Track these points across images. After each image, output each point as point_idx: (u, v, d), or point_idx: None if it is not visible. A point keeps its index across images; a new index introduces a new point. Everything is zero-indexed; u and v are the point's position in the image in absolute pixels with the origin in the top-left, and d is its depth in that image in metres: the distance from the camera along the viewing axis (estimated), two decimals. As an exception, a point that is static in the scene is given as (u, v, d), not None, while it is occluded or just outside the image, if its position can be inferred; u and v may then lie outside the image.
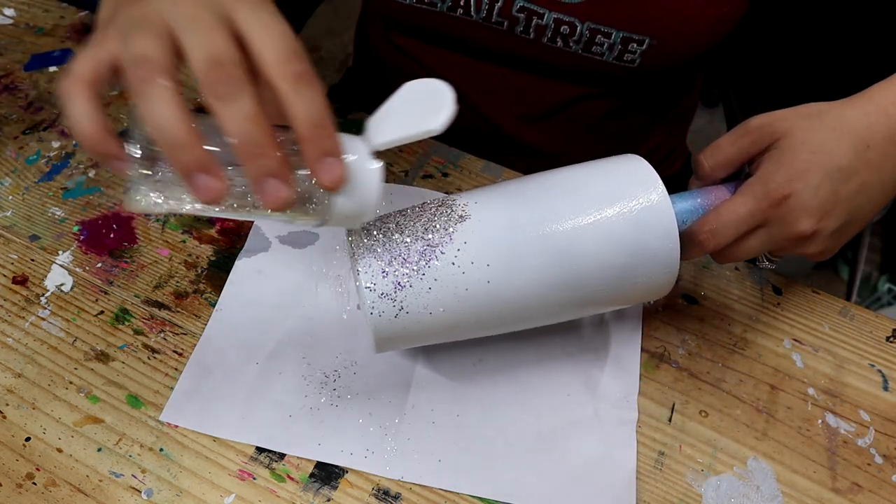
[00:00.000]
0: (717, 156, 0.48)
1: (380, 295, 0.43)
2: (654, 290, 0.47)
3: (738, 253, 0.47)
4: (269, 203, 0.36)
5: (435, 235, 0.43)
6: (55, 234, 0.57)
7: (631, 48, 0.58)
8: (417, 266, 0.43)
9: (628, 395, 0.51)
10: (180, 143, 0.34)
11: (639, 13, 0.56)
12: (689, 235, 0.46)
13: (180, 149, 0.34)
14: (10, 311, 0.53)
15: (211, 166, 0.35)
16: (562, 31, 0.58)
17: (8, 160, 0.61)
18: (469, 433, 0.49)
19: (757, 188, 0.45)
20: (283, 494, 0.47)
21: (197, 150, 0.34)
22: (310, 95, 0.35)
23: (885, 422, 0.51)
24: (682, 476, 0.48)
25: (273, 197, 0.36)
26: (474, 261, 0.43)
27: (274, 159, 0.35)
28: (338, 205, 0.39)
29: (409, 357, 0.52)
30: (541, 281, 0.44)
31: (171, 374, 0.51)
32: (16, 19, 0.70)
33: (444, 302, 0.43)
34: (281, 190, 0.36)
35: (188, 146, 0.34)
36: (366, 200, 0.39)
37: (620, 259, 0.44)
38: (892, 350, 0.54)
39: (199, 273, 0.56)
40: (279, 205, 0.36)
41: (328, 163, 0.37)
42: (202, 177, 0.35)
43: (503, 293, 0.44)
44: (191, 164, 0.34)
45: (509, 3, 0.58)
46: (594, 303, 0.46)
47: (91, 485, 0.46)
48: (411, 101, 0.40)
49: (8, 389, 0.50)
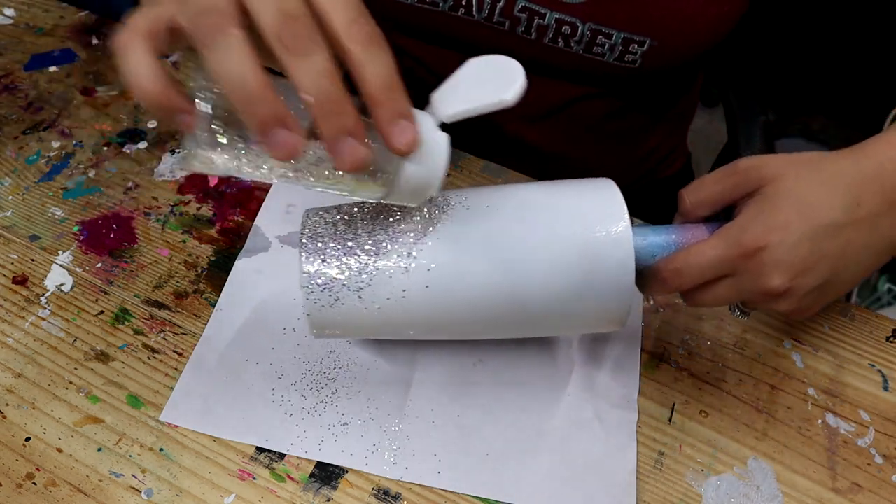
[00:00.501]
0: (699, 193, 0.45)
1: (318, 283, 0.42)
2: (607, 321, 0.45)
3: (705, 298, 0.44)
4: (345, 163, 0.34)
5: (383, 233, 0.43)
6: (55, 234, 0.57)
7: (632, 49, 0.58)
8: (359, 261, 0.43)
9: (628, 395, 0.51)
10: (257, 95, 0.32)
11: (639, 14, 0.56)
12: (653, 271, 0.44)
13: (257, 101, 0.32)
14: (10, 311, 0.53)
15: (289, 119, 0.33)
16: (563, 31, 0.58)
17: (8, 160, 0.61)
18: (469, 433, 0.49)
19: (732, 235, 0.42)
20: (283, 494, 0.47)
21: (275, 102, 0.32)
22: (381, 57, 0.34)
23: (885, 422, 0.51)
24: (682, 476, 0.48)
25: (350, 157, 0.34)
26: (417, 264, 0.42)
27: (352, 116, 0.33)
28: (407, 172, 0.37)
29: (408, 357, 0.52)
30: (482, 295, 0.43)
31: (171, 374, 0.51)
32: (16, 19, 0.70)
33: (381, 300, 0.43)
34: (358, 149, 0.34)
35: (265, 99, 0.32)
36: (434, 170, 0.38)
37: (570, 286, 0.42)
38: (892, 350, 0.54)
39: (199, 273, 0.56)
40: (356, 165, 0.34)
41: (401, 125, 0.35)
42: (280, 132, 0.33)
43: (442, 301, 0.43)
44: (268, 117, 0.32)
45: (511, 3, 0.58)
46: (541, 326, 0.45)
47: (91, 485, 0.46)
48: (479, 75, 0.39)
49: (8, 389, 0.50)
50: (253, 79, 0.32)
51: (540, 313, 0.43)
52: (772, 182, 0.42)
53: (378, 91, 0.34)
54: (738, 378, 0.52)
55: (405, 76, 0.40)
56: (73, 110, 0.64)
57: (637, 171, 0.79)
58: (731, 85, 0.80)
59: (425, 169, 0.38)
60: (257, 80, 0.32)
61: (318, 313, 0.43)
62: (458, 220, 0.43)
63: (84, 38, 0.69)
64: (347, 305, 0.43)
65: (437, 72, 0.68)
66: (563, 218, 0.43)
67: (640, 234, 0.44)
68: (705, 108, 1.64)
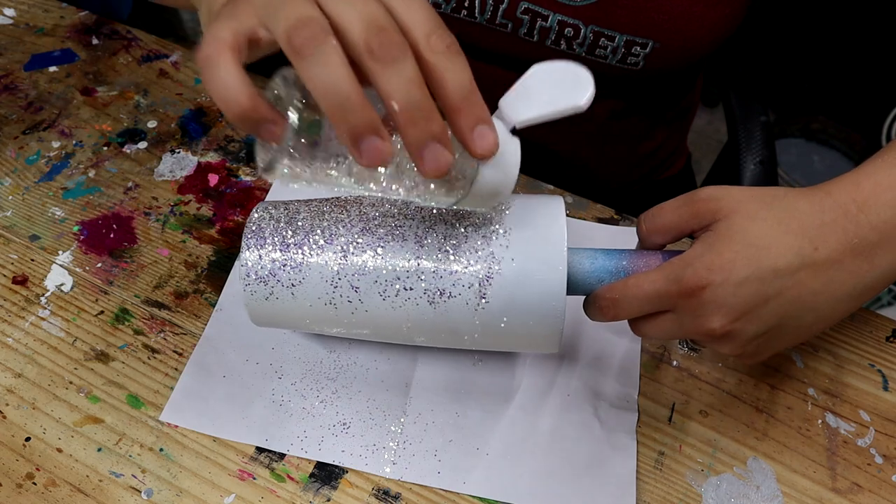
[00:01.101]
0: (656, 220, 0.44)
1: (254, 275, 0.44)
2: (537, 343, 0.45)
3: (647, 330, 0.43)
4: (430, 170, 0.35)
5: (321, 236, 0.44)
6: (55, 234, 0.57)
7: (634, 51, 0.58)
8: (293, 261, 0.43)
9: (628, 395, 0.51)
10: (352, 104, 0.33)
11: (642, 16, 0.56)
12: (592, 298, 0.44)
13: (352, 110, 0.33)
14: (10, 311, 0.53)
15: (380, 128, 0.33)
16: (566, 33, 0.58)
17: (8, 160, 0.61)
18: (469, 433, 0.49)
19: (674, 270, 0.41)
20: (283, 494, 0.47)
21: (369, 111, 0.33)
22: (459, 64, 0.35)
23: (885, 422, 0.51)
24: (682, 476, 0.48)
25: (435, 163, 0.35)
26: (343, 276, 0.43)
27: (439, 122, 0.34)
28: (484, 177, 0.38)
29: (408, 357, 0.52)
30: (406, 314, 0.43)
31: (171, 374, 0.51)
32: (16, 19, 0.70)
33: (312, 301, 0.44)
34: (444, 154, 0.35)
35: (361, 107, 0.33)
36: (508, 174, 0.39)
37: (498, 305, 0.42)
38: (892, 350, 0.54)
39: (199, 273, 0.56)
40: (441, 171, 0.35)
41: (481, 131, 0.36)
42: (373, 139, 0.33)
43: (367, 315, 0.44)
44: (361, 126, 0.33)
45: (514, 5, 0.58)
46: (468, 342, 0.45)
47: (91, 485, 0.46)
48: (546, 81, 0.40)
49: (8, 389, 0.50)
50: (350, 87, 0.32)
51: (465, 330, 0.44)
52: (725, 218, 0.41)
53: (459, 98, 0.35)
54: (738, 378, 0.52)
55: None
56: (73, 110, 0.64)
57: (638, 172, 0.79)
58: (731, 85, 0.80)
59: (501, 173, 0.38)
60: (354, 88, 0.32)
61: (255, 305, 0.45)
62: (392, 225, 0.43)
63: (84, 38, 0.69)
64: (282, 300, 0.44)
65: None
66: (501, 234, 0.43)
67: (590, 257, 0.44)
68: (705, 108, 1.64)
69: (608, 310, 0.43)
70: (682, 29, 0.56)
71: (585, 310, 0.45)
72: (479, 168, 0.38)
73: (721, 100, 0.87)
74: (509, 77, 0.65)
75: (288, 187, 0.60)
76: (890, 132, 1.40)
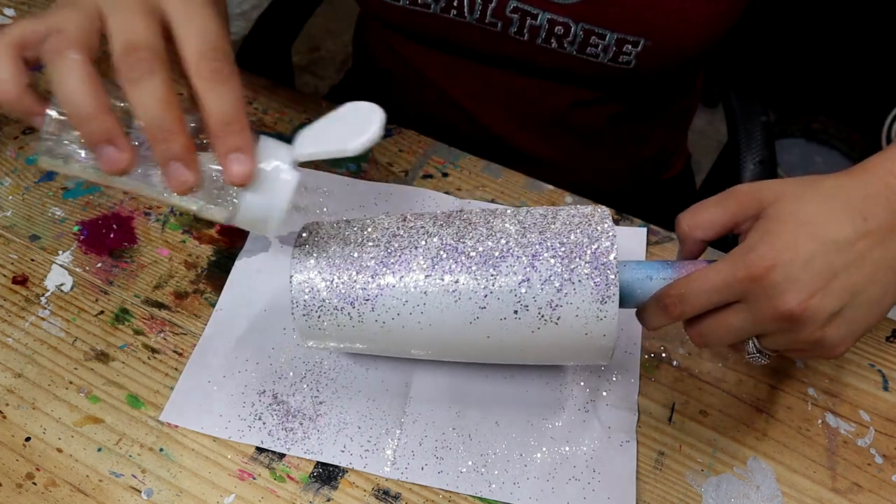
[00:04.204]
0: (697, 216, 0.43)
1: (303, 306, 0.44)
2: (589, 355, 0.45)
3: (715, 330, 0.41)
4: (173, 185, 0.38)
5: (376, 265, 0.44)
6: (55, 234, 0.57)
7: (626, 49, 0.57)
8: (351, 277, 0.44)
9: (628, 395, 0.51)
10: (86, 113, 0.35)
11: (632, 14, 0.56)
12: (654, 298, 0.42)
13: (86, 119, 0.35)
14: (10, 311, 0.53)
15: (117, 138, 0.36)
16: (556, 31, 0.58)
17: (8, 160, 0.61)
18: (469, 433, 0.49)
19: (737, 256, 0.40)
20: (283, 494, 0.47)
21: (103, 121, 0.35)
22: (223, 92, 0.37)
23: (885, 422, 0.51)
24: (682, 476, 0.48)
25: (177, 180, 0.37)
26: (400, 311, 0.44)
27: (179, 144, 0.36)
28: (245, 202, 0.40)
29: (409, 358, 0.52)
30: (469, 329, 0.44)
31: (171, 374, 0.51)
32: (16, 19, 0.70)
33: (369, 320, 0.44)
34: (184, 174, 0.37)
35: (94, 117, 0.35)
36: (274, 205, 0.40)
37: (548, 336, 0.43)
38: (892, 350, 0.54)
39: (199, 273, 0.56)
40: (182, 188, 0.37)
41: (235, 158, 0.38)
42: (108, 148, 0.36)
43: (416, 338, 0.45)
44: (95, 134, 0.36)
45: (502, 4, 0.57)
46: (524, 356, 0.46)
47: (91, 485, 0.46)
48: (344, 119, 0.41)
49: (8, 389, 0.50)
50: (83, 98, 0.35)
51: (518, 346, 0.44)
52: (773, 204, 0.41)
53: (217, 125, 0.37)
54: (738, 378, 0.52)
55: (401, 78, 0.41)
56: (74, 110, 0.64)
57: (638, 174, 0.79)
58: (732, 85, 0.80)
59: (266, 202, 0.40)
60: (87, 100, 0.35)
61: (306, 330, 0.45)
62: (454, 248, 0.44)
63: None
64: (334, 319, 0.45)
65: (428, 74, 0.68)
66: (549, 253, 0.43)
67: (635, 268, 0.44)
68: (705, 108, 1.64)
69: (674, 307, 0.41)
70: (674, 27, 0.56)
71: (641, 317, 0.44)
72: (242, 193, 0.40)
73: (721, 100, 0.87)
74: (502, 78, 0.65)
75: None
76: (890, 132, 1.40)
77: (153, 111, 0.36)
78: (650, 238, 0.58)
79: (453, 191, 0.60)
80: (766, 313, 0.39)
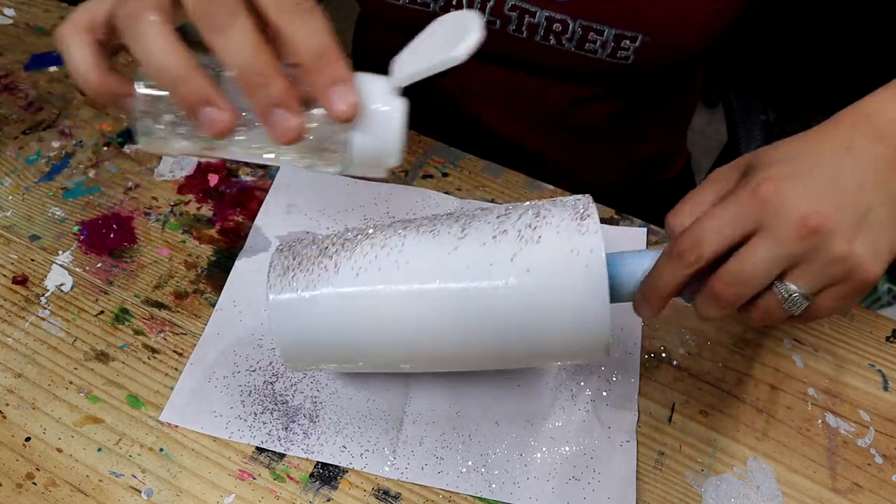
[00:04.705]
0: (681, 206, 0.41)
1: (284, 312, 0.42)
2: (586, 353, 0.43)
3: (742, 269, 0.37)
4: (279, 136, 0.34)
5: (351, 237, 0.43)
6: (55, 234, 0.57)
7: (624, 45, 0.57)
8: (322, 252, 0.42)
9: (628, 395, 0.51)
10: (178, 75, 0.32)
11: (630, 10, 0.56)
12: (667, 254, 0.39)
13: (179, 83, 0.32)
14: (10, 311, 0.53)
15: (214, 97, 0.33)
16: (554, 28, 0.58)
17: (8, 160, 0.61)
18: (469, 433, 0.49)
19: (739, 188, 0.38)
20: (283, 494, 0.47)
21: (197, 81, 0.33)
22: (311, 23, 0.33)
23: (885, 422, 0.51)
24: (682, 476, 0.48)
25: (282, 128, 0.34)
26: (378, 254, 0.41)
27: (279, 87, 0.33)
28: (356, 144, 0.36)
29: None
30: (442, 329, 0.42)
31: (171, 374, 0.51)
32: (16, 19, 0.70)
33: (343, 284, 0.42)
34: (289, 120, 0.33)
35: (187, 78, 0.32)
36: (387, 139, 0.37)
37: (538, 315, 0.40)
38: (892, 350, 0.54)
39: (199, 273, 0.56)
40: (289, 137, 0.34)
41: (338, 90, 0.34)
42: (207, 109, 0.33)
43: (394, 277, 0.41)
44: (192, 96, 0.33)
45: (501, 2, 0.58)
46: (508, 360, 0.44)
47: (91, 485, 0.46)
48: (437, 34, 0.37)
49: (8, 389, 0.50)
50: (174, 61, 0.32)
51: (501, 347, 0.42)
52: (752, 158, 0.40)
53: (310, 59, 0.34)
54: (738, 378, 0.52)
55: None
56: (73, 110, 0.64)
57: (638, 174, 0.79)
58: (731, 85, 0.80)
59: (378, 138, 0.36)
60: (177, 61, 0.32)
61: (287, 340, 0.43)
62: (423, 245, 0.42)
63: (84, 38, 0.69)
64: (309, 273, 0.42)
65: (433, 76, 0.68)
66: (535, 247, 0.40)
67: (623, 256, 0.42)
68: (705, 108, 1.64)
69: (689, 252, 0.37)
70: (672, 23, 0.56)
71: (656, 280, 0.40)
72: (350, 133, 0.36)
73: (721, 100, 0.87)
74: (502, 76, 0.65)
75: (286, 186, 0.59)
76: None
77: (245, 56, 0.32)
78: (650, 238, 0.58)
79: (453, 191, 0.60)
80: (788, 230, 0.36)
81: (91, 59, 0.35)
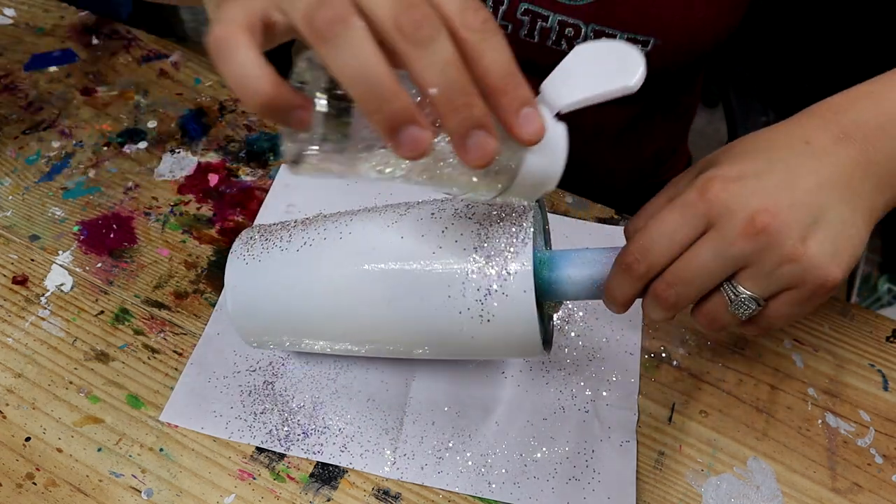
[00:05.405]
0: (638, 215, 0.41)
1: None
2: (518, 350, 0.43)
3: (686, 272, 0.37)
4: (475, 159, 0.31)
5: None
6: (55, 234, 0.57)
7: None
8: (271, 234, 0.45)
9: (628, 395, 0.51)
10: (385, 91, 0.29)
11: (642, 14, 0.56)
12: (616, 266, 0.39)
13: (385, 98, 0.29)
14: (10, 311, 0.53)
15: (419, 115, 0.30)
16: (566, 33, 0.58)
17: (8, 160, 0.61)
18: (468, 433, 0.49)
19: (685, 192, 0.37)
20: (283, 494, 0.47)
21: (404, 98, 0.29)
22: (498, 43, 0.31)
23: (885, 422, 0.51)
24: (682, 476, 0.48)
25: (480, 152, 0.31)
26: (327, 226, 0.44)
27: (481, 108, 0.31)
28: (529, 165, 0.35)
29: (409, 358, 0.52)
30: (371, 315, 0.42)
31: (171, 374, 0.51)
32: (16, 19, 0.70)
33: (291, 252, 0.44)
34: (488, 143, 0.31)
35: (394, 94, 0.29)
36: (555, 161, 0.36)
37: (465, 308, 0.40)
38: (892, 350, 0.54)
39: (199, 273, 0.56)
40: (485, 160, 0.31)
41: (526, 114, 0.32)
42: (411, 129, 0.30)
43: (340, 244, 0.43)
44: (397, 115, 0.30)
45: (513, 6, 0.58)
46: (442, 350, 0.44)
47: (91, 485, 0.46)
48: (592, 61, 0.37)
49: (8, 389, 0.50)
50: (381, 74, 0.29)
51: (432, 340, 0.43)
52: (705, 160, 0.40)
53: (499, 80, 0.31)
54: (738, 378, 0.52)
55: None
56: (73, 110, 0.64)
57: (639, 174, 0.79)
58: (732, 85, 0.81)
59: (547, 160, 0.36)
60: (386, 75, 0.29)
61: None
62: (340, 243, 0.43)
63: (84, 38, 0.69)
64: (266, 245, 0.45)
65: None
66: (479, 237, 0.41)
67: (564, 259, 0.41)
68: (705, 108, 1.64)
69: (638, 263, 0.37)
70: (683, 26, 0.56)
71: (609, 294, 0.40)
72: (525, 155, 0.35)
73: (721, 99, 0.87)
74: None
75: (285, 185, 0.59)
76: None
77: (449, 74, 0.30)
78: (650, 238, 0.58)
79: (453, 191, 0.60)
80: (735, 229, 0.36)
81: (261, 66, 0.30)
